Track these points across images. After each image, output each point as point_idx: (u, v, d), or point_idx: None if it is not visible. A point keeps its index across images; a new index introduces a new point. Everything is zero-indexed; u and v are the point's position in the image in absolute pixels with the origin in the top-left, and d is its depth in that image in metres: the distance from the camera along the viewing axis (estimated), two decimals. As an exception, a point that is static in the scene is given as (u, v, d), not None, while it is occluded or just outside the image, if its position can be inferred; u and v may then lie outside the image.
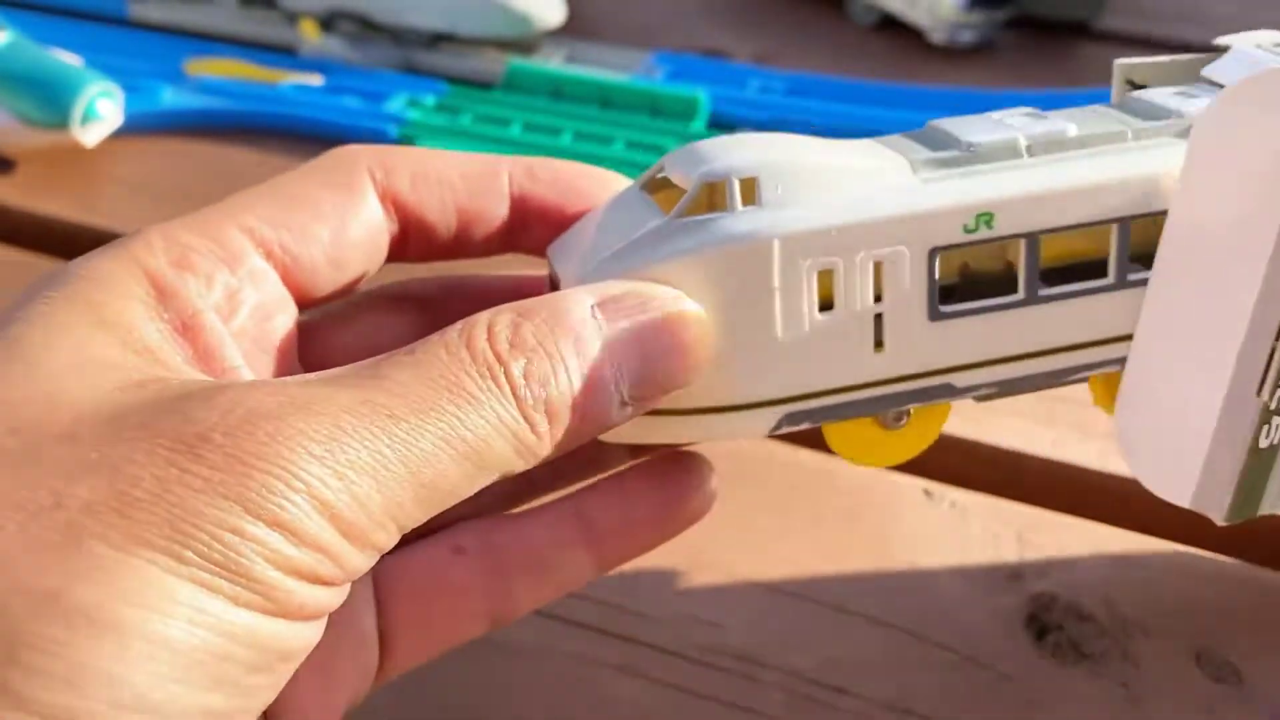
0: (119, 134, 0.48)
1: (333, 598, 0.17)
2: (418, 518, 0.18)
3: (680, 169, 0.21)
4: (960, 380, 0.22)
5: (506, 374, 0.19)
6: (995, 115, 0.22)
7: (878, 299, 0.21)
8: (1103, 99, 0.62)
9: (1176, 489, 0.23)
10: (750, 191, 0.20)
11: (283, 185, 0.22)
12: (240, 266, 0.21)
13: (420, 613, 0.22)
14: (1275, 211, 0.20)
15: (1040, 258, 0.21)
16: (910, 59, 0.61)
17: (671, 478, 0.24)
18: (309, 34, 0.56)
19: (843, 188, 0.20)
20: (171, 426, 0.16)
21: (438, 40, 0.56)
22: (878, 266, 0.20)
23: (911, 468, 0.34)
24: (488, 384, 0.18)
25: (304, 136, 0.50)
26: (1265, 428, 0.22)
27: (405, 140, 0.49)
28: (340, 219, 0.22)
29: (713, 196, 0.20)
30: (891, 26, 0.64)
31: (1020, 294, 0.21)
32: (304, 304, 0.22)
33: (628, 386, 0.20)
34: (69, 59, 0.47)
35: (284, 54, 0.56)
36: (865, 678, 0.27)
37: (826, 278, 0.20)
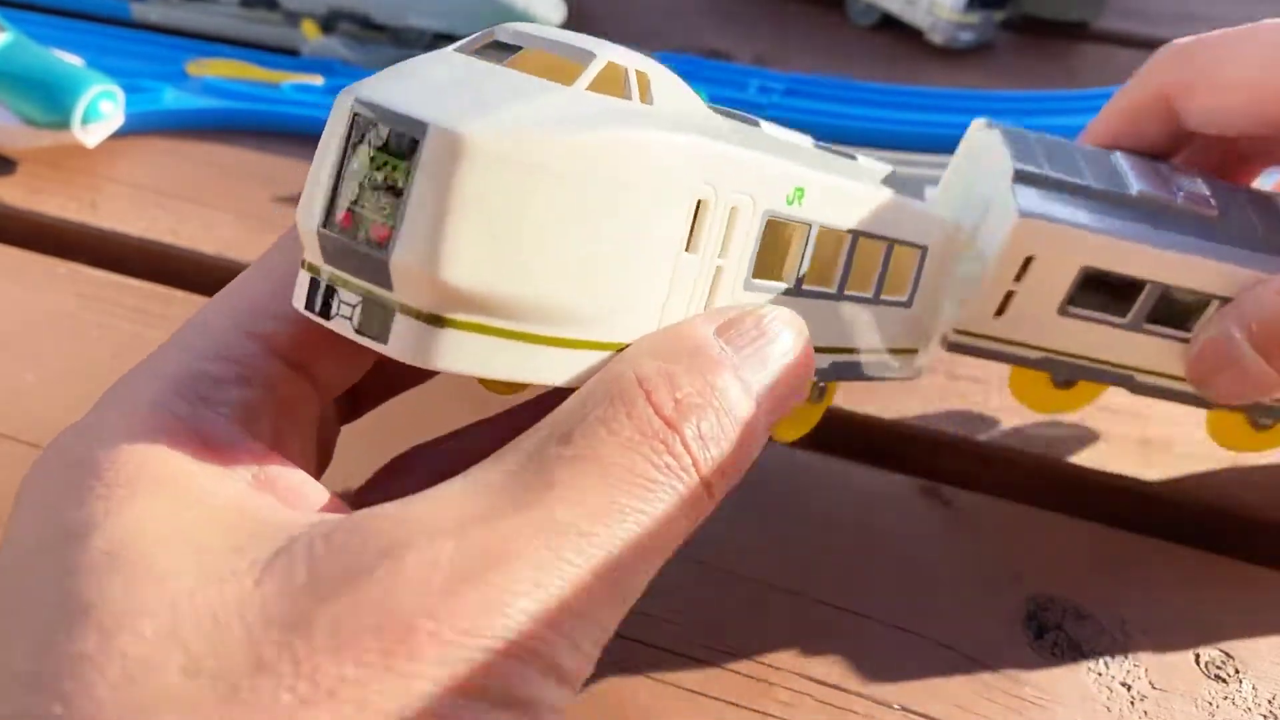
0: (120, 134, 0.48)
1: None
2: (613, 632, 0.17)
3: (545, 43, 0.18)
4: None
5: (683, 442, 0.17)
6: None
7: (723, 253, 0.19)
8: (1100, 100, 0.62)
9: None
10: (645, 88, 0.18)
11: (274, 267, 0.20)
12: (272, 382, 0.19)
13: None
14: None
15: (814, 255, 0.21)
16: (909, 59, 0.61)
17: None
18: (310, 35, 0.56)
19: (694, 110, 0.19)
20: (365, 622, 0.15)
21: (438, 40, 0.56)
22: (733, 212, 0.19)
23: (912, 468, 0.34)
24: (665, 460, 0.17)
25: (305, 136, 0.50)
26: None
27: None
28: None
29: (608, 79, 0.18)
30: (891, 27, 0.64)
31: (833, 288, 0.21)
32: (330, 388, 0.21)
33: (764, 411, 0.19)
34: (71, 59, 0.47)
35: (285, 55, 0.56)
36: (865, 676, 0.28)
37: (704, 209, 0.18)
